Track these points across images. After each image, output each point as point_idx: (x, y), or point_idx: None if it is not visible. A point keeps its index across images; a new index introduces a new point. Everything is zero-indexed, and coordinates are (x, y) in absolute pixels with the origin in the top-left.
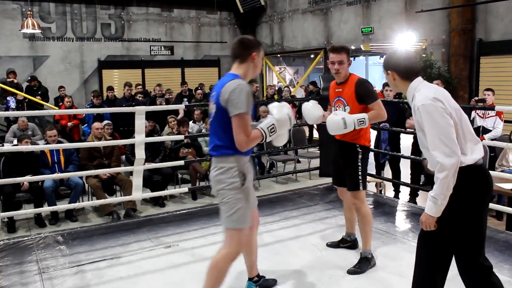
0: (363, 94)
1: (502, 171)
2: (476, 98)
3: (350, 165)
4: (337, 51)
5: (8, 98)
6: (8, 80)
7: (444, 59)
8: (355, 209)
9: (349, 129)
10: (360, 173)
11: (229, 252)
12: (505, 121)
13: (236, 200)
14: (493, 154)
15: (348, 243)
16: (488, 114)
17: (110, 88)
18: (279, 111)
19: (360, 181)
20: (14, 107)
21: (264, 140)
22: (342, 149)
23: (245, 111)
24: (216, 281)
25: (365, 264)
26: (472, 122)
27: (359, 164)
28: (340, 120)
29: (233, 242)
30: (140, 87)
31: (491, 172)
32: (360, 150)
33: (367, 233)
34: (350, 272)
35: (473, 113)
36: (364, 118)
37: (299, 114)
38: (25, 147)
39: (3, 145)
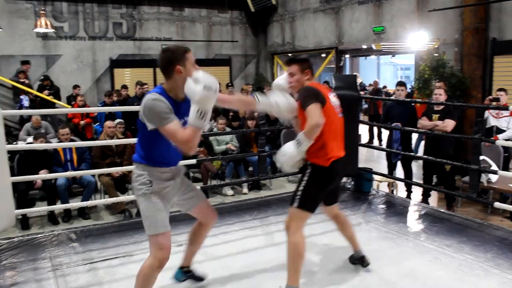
0: (300, 101)
1: None
2: (491, 97)
3: (300, 178)
4: (287, 63)
5: (21, 97)
6: (20, 80)
7: (456, 58)
8: (285, 230)
9: (291, 154)
10: (301, 188)
11: (151, 260)
12: None
13: (145, 206)
14: (507, 154)
15: (356, 260)
16: (502, 114)
17: (119, 91)
18: (193, 92)
19: (298, 197)
20: (27, 105)
21: (200, 128)
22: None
23: (162, 124)
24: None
25: None
26: (485, 121)
27: (305, 179)
28: (280, 152)
29: (153, 249)
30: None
31: (505, 173)
32: (310, 167)
33: (292, 266)
34: None
35: (486, 113)
36: (299, 138)
37: None
38: (39, 145)
39: (17, 143)
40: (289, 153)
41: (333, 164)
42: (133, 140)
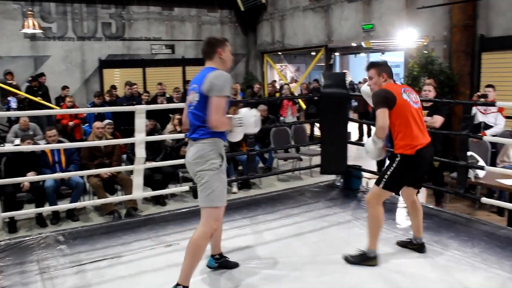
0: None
1: (503, 167)
2: (479, 93)
3: (389, 164)
4: (366, 68)
5: (9, 98)
6: (8, 81)
7: (445, 55)
8: (366, 204)
9: (371, 150)
10: (389, 172)
11: (206, 230)
12: (507, 117)
13: (214, 180)
14: (495, 150)
15: (414, 245)
16: (490, 110)
17: (110, 90)
18: (247, 115)
19: (384, 180)
20: (15, 107)
21: (230, 128)
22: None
23: (225, 95)
24: (195, 257)
25: (360, 258)
26: (473, 118)
27: (393, 165)
28: (365, 149)
29: (210, 220)
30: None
31: (492, 168)
32: (399, 156)
33: (371, 234)
34: (344, 257)
35: (474, 109)
36: (373, 138)
37: (298, 111)
38: (26, 147)
39: (4, 145)
40: (370, 150)
41: (419, 152)
42: (122, 141)
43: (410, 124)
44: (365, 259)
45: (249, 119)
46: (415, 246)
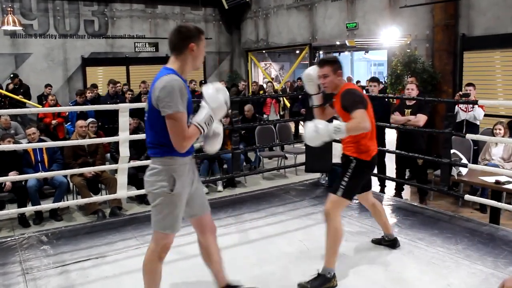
0: (346, 105)
1: (485, 164)
2: (461, 92)
3: (343, 170)
4: (319, 65)
5: None
6: None
7: (428, 54)
8: (325, 216)
9: (322, 137)
10: (346, 179)
11: (153, 250)
12: (488, 115)
13: (163, 205)
14: (477, 147)
15: (387, 242)
16: (471, 108)
17: (88, 88)
18: (214, 99)
19: (342, 187)
20: None
21: (202, 133)
22: (342, 159)
23: (177, 110)
24: (149, 282)
25: (319, 282)
26: (455, 116)
27: (349, 171)
28: (313, 126)
29: (157, 242)
30: (125, 86)
31: (474, 166)
32: (355, 162)
33: (331, 250)
34: (300, 285)
35: (456, 107)
36: (340, 127)
37: (282, 109)
38: (7, 146)
39: None
40: (322, 134)
41: (373, 158)
42: (106, 140)
43: (372, 132)
44: (324, 281)
45: (218, 106)
46: (388, 242)
